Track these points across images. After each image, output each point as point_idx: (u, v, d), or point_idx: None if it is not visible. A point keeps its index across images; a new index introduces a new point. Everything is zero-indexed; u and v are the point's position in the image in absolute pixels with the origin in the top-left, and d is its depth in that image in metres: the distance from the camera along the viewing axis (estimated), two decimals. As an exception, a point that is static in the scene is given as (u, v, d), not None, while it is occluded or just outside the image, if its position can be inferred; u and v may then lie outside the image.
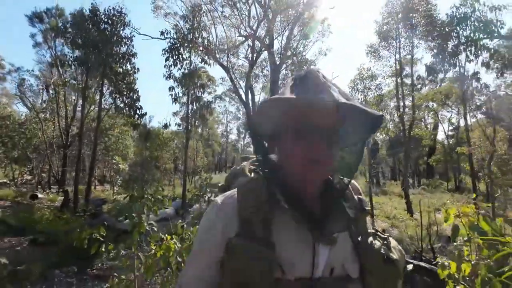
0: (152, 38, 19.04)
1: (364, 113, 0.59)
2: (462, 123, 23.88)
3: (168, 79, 8.39)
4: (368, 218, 0.70)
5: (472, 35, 6.56)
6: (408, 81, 11.57)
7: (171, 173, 23.24)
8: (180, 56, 8.45)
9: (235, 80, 21.04)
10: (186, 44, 8.66)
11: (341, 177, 0.69)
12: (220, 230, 0.60)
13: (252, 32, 20.08)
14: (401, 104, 11.36)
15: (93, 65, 8.32)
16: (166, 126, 10.62)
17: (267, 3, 18.19)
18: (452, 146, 18.16)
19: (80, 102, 15.72)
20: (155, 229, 3.22)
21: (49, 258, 4.00)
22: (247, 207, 0.60)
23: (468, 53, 7.07)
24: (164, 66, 8.44)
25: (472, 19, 6.61)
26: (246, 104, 20.20)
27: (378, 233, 0.67)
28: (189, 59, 8.28)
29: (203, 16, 10.51)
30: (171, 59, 8.41)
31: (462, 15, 6.77)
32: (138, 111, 8.74)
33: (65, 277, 3.81)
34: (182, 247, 3.24)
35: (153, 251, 2.92)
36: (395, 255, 0.63)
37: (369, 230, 0.67)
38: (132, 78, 8.88)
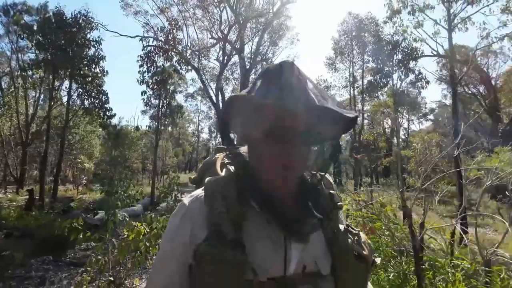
0: (121, 35, 18.82)
1: (338, 114, 0.57)
2: (416, 128, 26.84)
3: (141, 84, 8.77)
4: (340, 213, 0.70)
5: (402, 59, 8.03)
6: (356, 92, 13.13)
7: (139, 173, 22.98)
8: (154, 63, 8.88)
9: (206, 82, 21.55)
10: (161, 54, 9.12)
11: (313, 172, 0.68)
12: (187, 234, 0.58)
13: (223, 35, 20.73)
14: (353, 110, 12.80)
15: (60, 67, 8.39)
16: (137, 128, 10.74)
17: (239, 10, 18.96)
18: (401, 149, 20.47)
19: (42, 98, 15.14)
20: (127, 219, 3.87)
21: (26, 249, 4.39)
22: (216, 209, 0.58)
23: (400, 73, 8.58)
24: (138, 72, 8.81)
25: (403, 45, 8.07)
26: (216, 106, 20.81)
27: (350, 228, 0.66)
28: (162, 66, 8.74)
29: (178, 29, 10.96)
30: (145, 66, 8.81)
31: (394, 42, 8.22)
32: (107, 113, 8.97)
33: (41, 264, 4.25)
34: (150, 234, 3.92)
35: (126, 235, 3.55)
36: (365, 251, 0.63)
37: (341, 226, 0.66)
38: (101, 80, 9.07)
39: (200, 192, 0.64)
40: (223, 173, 0.72)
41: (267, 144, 0.59)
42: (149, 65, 8.76)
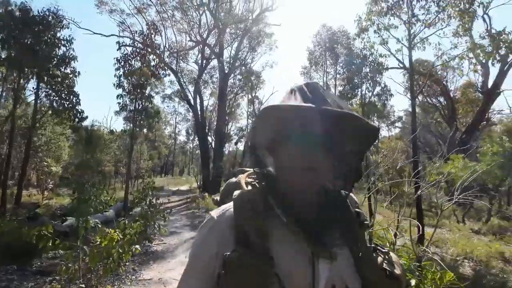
0: (94, 33, 18.14)
1: (359, 122, 0.59)
2: (386, 134, 28.49)
3: (117, 88, 8.54)
4: (366, 233, 0.69)
5: (369, 72, 8.75)
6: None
7: (111, 177, 22.06)
8: (131, 67, 8.71)
9: (184, 84, 21.35)
10: (138, 58, 8.98)
11: (340, 190, 0.68)
12: (215, 246, 0.59)
13: (202, 39, 20.72)
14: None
15: (27, 66, 7.96)
16: (112, 132, 10.33)
17: (218, 15, 19.09)
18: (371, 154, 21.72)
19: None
20: (99, 225, 3.84)
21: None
22: (244, 221, 0.59)
23: (368, 85, 9.31)
24: (114, 76, 8.58)
25: (370, 59, 8.78)
26: (194, 108, 20.70)
27: (379, 247, 0.65)
28: (139, 69, 8.59)
29: (157, 33, 10.84)
30: (121, 69, 8.61)
31: (363, 56, 8.91)
32: (78, 115, 8.64)
33: (4, 274, 4.04)
34: (124, 240, 3.92)
35: (98, 241, 3.53)
36: (397, 270, 0.61)
37: (368, 245, 0.65)
38: (72, 81, 8.72)
39: (228, 206, 0.65)
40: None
41: (290, 148, 0.61)
42: (125, 68, 8.59)
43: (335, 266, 0.58)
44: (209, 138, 22.93)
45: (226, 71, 20.65)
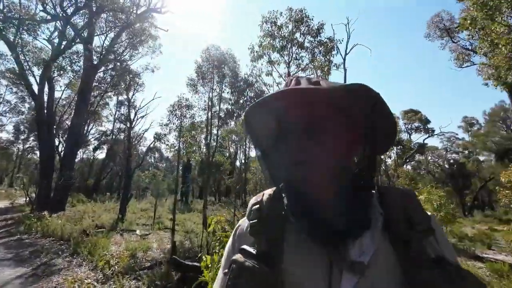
0: None
1: (343, 91, 0.50)
2: (254, 154, 32.01)
3: None
4: (439, 239, 0.52)
5: (254, 96, 9.78)
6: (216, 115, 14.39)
7: None
8: None
9: (26, 64, 15.86)
10: None
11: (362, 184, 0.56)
12: (236, 249, 0.58)
13: (64, 14, 16.47)
14: (209, 133, 13.69)
15: None
16: None
17: (92, -7, 15.95)
18: (243, 171, 23.75)
19: None
20: None
21: None
22: (253, 224, 0.57)
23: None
24: None
25: (256, 85, 9.84)
26: (37, 97, 15.57)
27: (445, 260, 0.47)
28: None
29: None
30: None
31: (249, 82, 9.88)
32: None
33: None
34: None
35: None
36: None
37: (431, 256, 0.48)
38: None
39: None
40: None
41: (278, 146, 0.56)
42: None
43: (367, 280, 0.46)
44: (56, 140, 17.84)
45: (95, 62, 17.21)
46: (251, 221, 0.58)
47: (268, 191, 0.63)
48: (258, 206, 0.59)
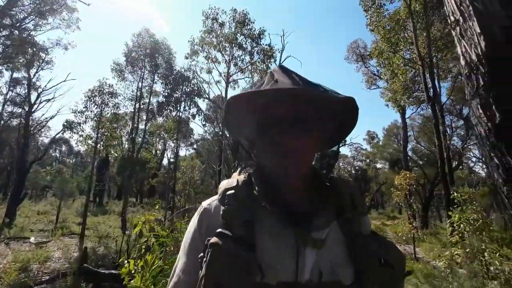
0: None
1: (325, 97, 0.59)
2: (182, 153, 30.47)
3: None
4: (365, 220, 0.65)
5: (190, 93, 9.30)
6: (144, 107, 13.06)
7: None
8: None
9: None
10: None
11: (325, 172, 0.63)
12: (204, 231, 0.60)
13: None
14: (135, 127, 12.33)
15: None
16: None
17: None
18: (173, 170, 22.32)
19: None
20: None
21: None
22: (229, 208, 0.58)
23: (185, 104, 9.77)
24: None
25: (193, 82, 9.39)
26: None
27: (375, 234, 0.63)
28: None
29: None
30: None
31: (186, 77, 9.37)
32: None
33: None
34: None
35: None
36: (393, 258, 0.58)
37: (364, 231, 0.62)
38: None
39: (217, 196, 0.65)
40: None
41: (262, 136, 0.60)
42: None
43: (324, 252, 0.56)
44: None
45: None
46: (226, 205, 0.59)
47: (240, 177, 0.66)
48: (233, 191, 0.61)
